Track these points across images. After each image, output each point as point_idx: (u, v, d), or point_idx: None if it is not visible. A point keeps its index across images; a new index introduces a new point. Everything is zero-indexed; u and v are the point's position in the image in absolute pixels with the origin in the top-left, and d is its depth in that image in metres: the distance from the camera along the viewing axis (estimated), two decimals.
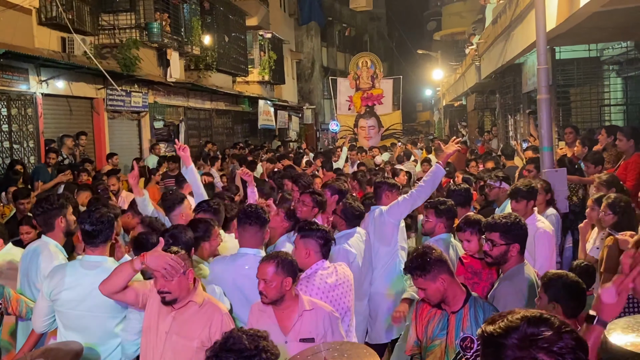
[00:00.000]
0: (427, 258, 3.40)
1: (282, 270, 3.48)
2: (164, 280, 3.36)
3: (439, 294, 3.39)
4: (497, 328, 1.67)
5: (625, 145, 6.89)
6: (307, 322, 3.51)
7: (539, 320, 1.65)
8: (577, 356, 1.59)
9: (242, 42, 22.30)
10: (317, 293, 3.94)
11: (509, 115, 17.57)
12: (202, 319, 3.43)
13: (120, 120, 14.49)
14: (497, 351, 1.65)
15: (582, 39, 10.38)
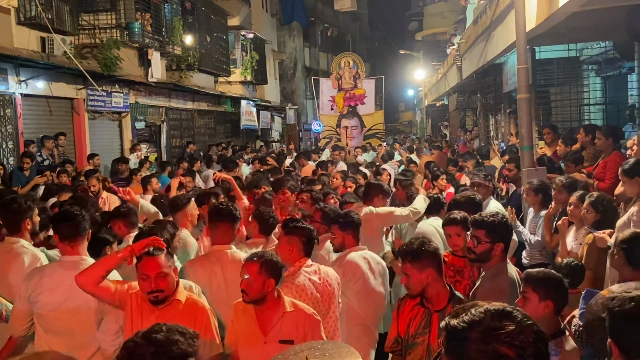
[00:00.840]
0: (422, 247, 3.45)
1: (266, 271, 3.48)
2: (157, 281, 3.39)
3: (420, 285, 3.41)
4: (461, 322, 1.68)
5: (603, 143, 6.96)
6: (287, 324, 3.52)
7: (502, 314, 1.67)
8: (537, 348, 1.62)
9: (224, 42, 22.21)
10: (297, 291, 3.95)
11: (490, 115, 17.71)
12: (187, 316, 3.44)
13: (101, 121, 14.36)
14: (461, 345, 1.66)
15: (562, 39, 10.49)
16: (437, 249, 3.54)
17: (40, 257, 4.19)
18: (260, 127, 25.44)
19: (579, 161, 7.22)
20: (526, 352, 1.60)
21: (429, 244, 3.50)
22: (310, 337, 3.48)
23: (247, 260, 3.56)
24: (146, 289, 3.43)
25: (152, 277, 3.42)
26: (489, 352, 1.61)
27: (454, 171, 10.19)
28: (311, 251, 4.15)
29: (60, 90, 12.69)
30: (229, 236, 4.36)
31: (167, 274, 3.48)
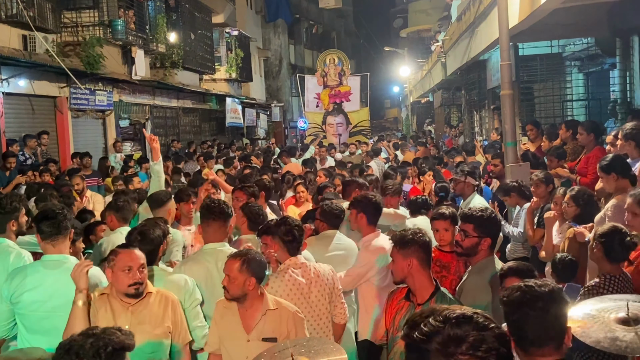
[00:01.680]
0: (413, 237, 3.48)
1: (247, 270, 3.48)
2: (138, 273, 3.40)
3: (402, 273, 3.45)
4: (419, 334, 1.59)
5: (585, 139, 7.02)
6: (270, 322, 3.52)
7: (462, 320, 1.59)
8: (500, 353, 1.56)
9: (209, 40, 22.13)
10: (284, 290, 3.95)
11: (474, 111, 17.82)
12: (160, 305, 3.50)
13: (84, 119, 14.25)
14: (421, 357, 1.58)
15: (544, 35, 10.56)
16: (428, 242, 3.57)
17: (25, 257, 4.16)
18: (245, 124, 25.39)
19: (562, 156, 7.28)
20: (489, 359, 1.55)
21: (422, 235, 3.53)
22: (294, 335, 3.48)
23: (230, 258, 3.57)
24: (128, 282, 3.40)
25: (134, 268, 3.41)
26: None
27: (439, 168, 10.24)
28: (297, 250, 4.12)
29: (43, 88, 12.57)
30: (221, 234, 4.35)
31: (145, 265, 3.49)
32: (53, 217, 3.80)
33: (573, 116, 11.36)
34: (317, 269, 4.15)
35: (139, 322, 3.44)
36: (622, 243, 3.77)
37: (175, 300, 3.63)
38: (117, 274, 3.42)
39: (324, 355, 2.88)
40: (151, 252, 3.86)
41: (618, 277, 3.74)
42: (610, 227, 3.90)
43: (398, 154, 15.11)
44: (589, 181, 6.40)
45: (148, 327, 3.45)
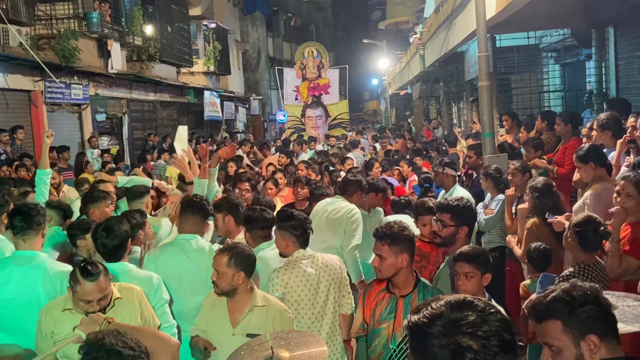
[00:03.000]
0: (403, 232, 3.47)
1: (235, 264, 3.48)
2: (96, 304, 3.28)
3: (394, 269, 3.42)
4: (422, 317, 1.62)
5: (562, 129, 7.09)
6: (256, 318, 3.52)
7: (463, 304, 1.62)
8: (501, 338, 1.56)
9: (186, 33, 21.93)
10: (295, 281, 3.96)
11: (452, 103, 17.90)
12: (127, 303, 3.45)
13: (60, 114, 14.05)
14: (423, 341, 1.61)
15: (522, 26, 10.61)
16: (415, 236, 3.58)
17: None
18: (224, 118, 25.25)
19: (539, 147, 7.33)
20: (490, 342, 1.55)
21: (409, 229, 3.54)
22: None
23: (218, 253, 3.56)
24: (85, 309, 3.29)
25: (93, 300, 3.29)
26: (451, 345, 1.56)
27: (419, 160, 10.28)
28: (306, 242, 4.13)
29: (17, 82, 12.36)
30: (197, 228, 4.35)
31: (105, 296, 3.34)
32: (26, 212, 3.74)
33: (550, 107, 11.46)
34: (324, 259, 4.16)
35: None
36: (596, 232, 3.83)
37: (138, 290, 3.56)
38: (76, 301, 3.31)
39: (304, 347, 2.88)
40: (118, 247, 3.82)
41: (592, 265, 3.80)
42: (584, 217, 3.96)
43: (377, 146, 15.16)
44: (566, 172, 6.46)
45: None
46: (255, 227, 4.45)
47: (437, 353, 1.58)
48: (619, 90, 9.40)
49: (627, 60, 9.16)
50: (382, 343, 3.45)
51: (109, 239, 3.78)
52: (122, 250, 3.87)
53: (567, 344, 2.11)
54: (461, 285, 3.42)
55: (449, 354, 1.56)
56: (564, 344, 2.11)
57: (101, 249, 3.83)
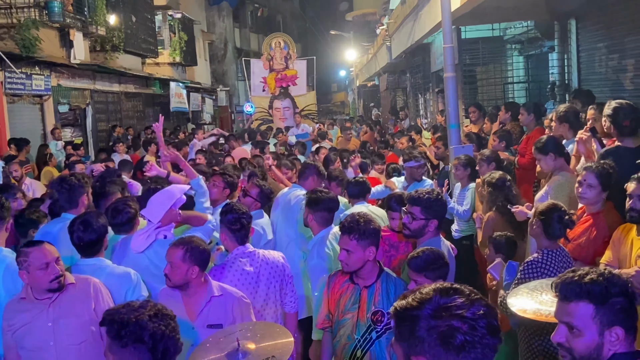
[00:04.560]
0: (370, 225, 3.45)
1: (190, 259, 3.44)
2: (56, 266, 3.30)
3: (361, 262, 3.42)
4: (411, 301, 1.67)
5: (526, 119, 7.20)
6: (215, 308, 3.48)
7: (450, 290, 1.67)
8: (489, 322, 1.61)
9: (151, 23, 21.59)
10: (231, 280, 3.89)
11: (419, 94, 18.02)
12: (81, 293, 3.41)
13: (21, 105, 13.71)
14: (412, 325, 1.64)
15: (486, 18, 10.71)
16: (380, 228, 3.59)
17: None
18: (191, 109, 24.98)
19: (503, 137, 7.44)
20: (478, 324, 1.59)
21: (374, 221, 3.54)
22: (240, 320, 3.46)
23: (172, 246, 3.50)
24: (48, 278, 3.30)
25: (51, 262, 3.30)
26: (441, 327, 1.60)
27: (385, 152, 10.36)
28: (245, 238, 4.07)
29: None
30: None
31: (59, 258, 3.39)
32: None
33: (514, 98, 11.61)
34: (266, 256, 4.09)
35: (62, 316, 3.34)
36: (560, 220, 3.90)
37: (96, 281, 3.52)
38: (35, 274, 3.29)
39: (270, 339, 2.88)
40: (94, 242, 3.76)
41: (555, 252, 3.87)
42: (549, 205, 4.03)
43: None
44: (527, 161, 6.56)
45: (72, 319, 3.36)
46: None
47: (425, 336, 1.61)
48: (581, 82, 9.57)
49: (589, 52, 9.32)
50: (347, 333, 3.47)
51: (86, 233, 3.73)
52: (99, 244, 3.81)
53: (591, 330, 2.07)
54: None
55: (437, 336, 1.60)
56: (588, 328, 2.07)
57: (77, 242, 3.78)
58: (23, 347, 3.32)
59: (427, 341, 1.61)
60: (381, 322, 3.36)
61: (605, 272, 2.13)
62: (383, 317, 3.36)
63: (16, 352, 3.34)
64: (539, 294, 2.93)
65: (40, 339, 3.29)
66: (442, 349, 1.60)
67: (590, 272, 2.13)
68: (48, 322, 3.30)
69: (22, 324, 3.30)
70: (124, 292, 3.67)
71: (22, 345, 3.32)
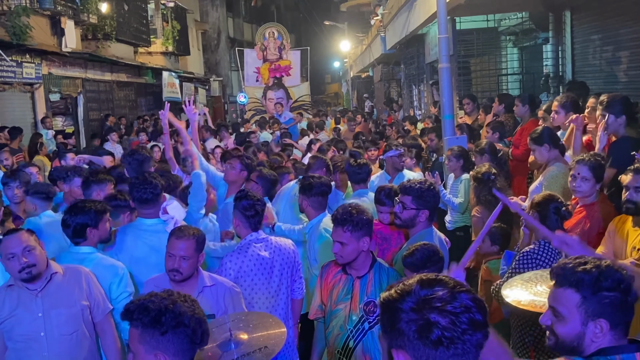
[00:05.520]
0: (363, 216, 3.41)
1: (199, 248, 3.46)
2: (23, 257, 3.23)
3: (356, 254, 3.38)
4: (393, 293, 1.63)
5: (520, 110, 7.19)
6: (207, 298, 3.46)
7: (433, 281, 1.61)
8: (471, 316, 1.54)
9: (143, 11, 21.43)
10: (247, 265, 3.91)
11: (413, 85, 17.99)
12: (71, 283, 3.38)
13: (11, 93, 13.59)
14: (393, 317, 1.60)
15: (481, 9, 10.69)
16: (372, 218, 3.57)
17: None
18: (183, 99, 24.86)
19: (497, 128, 7.42)
20: (459, 318, 1.53)
21: (367, 211, 3.51)
22: (232, 310, 3.45)
23: (179, 238, 3.45)
24: (17, 268, 3.24)
25: (18, 253, 3.24)
26: (419, 320, 1.55)
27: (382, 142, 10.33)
28: (258, 224, 4.08)
29: None
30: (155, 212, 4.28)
31: (34, 247, 3.31)
32: None
33: (508, 90, 11.61)
34: (279, 242, 4.12)
35: (52, 307, 3.31)
36: (557, 211, 3.88)
37: (87, 271, 3.49)
38: (5, 263, 3.26)
39: (263, 329, 2.86)
40: (82, 227, 3.73)
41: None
42: (546, 196, 4.01)
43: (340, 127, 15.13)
44: (520, 153, 6.56)
45: (63, 310, 3.33)
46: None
47: (404, 329, 1.57)
48: (575, 74, 9.57)
49: (583, 44, 9.32)
50: (339, 324, 3.45)
51: (73, 217, 3.71)
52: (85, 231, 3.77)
53: (574, 318, 2.06)
54: None
55: (416, 328, 1.55)
56: (572, 316, 2.06)
57: (64, 226, 3.78)
58: (11, 338, 3.28)
59: (406, 334, 1.57)
60: (373, 313, 3.33)
61: (602, 263, 2.09)
62: (375, 308, 3.33)
63: (3, 343, 3.30)
64: (534, 285, 2.92)
65: (30, 329, 3.25)
66: (420, 342, 1.55)
67: (589, 261, 2.11)
68: (38, 313, 3.26)
69: (9, 313, 3.26)
70: (108, 284, 3.65)
71: (10, 337, 3.28)
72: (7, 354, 3.33)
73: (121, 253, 4.07)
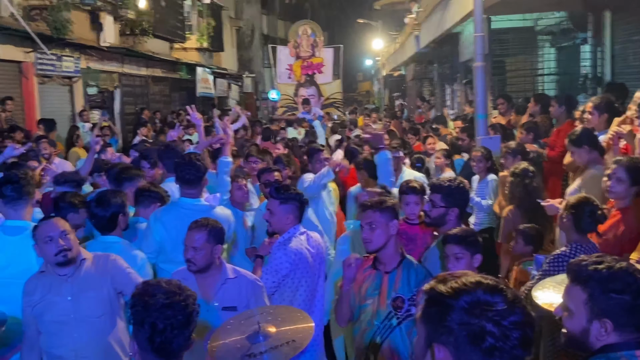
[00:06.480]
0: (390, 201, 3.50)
1: (213, 238, 3.47)
2: (60, 240, 3.32)
3: (385, 237, 3.39)
4: (449, 288, 1.59)
5: (557, 111, 7.08)
6: (230, 291, 3.50)
7: (495, 289, 1.58)
8: (524, 332, 1.54)
9: (180, 8, 21.66)
10: (300, 258, 3.93)
11: (446, 84, 17.86)
12: (100, 268, 3.45)
13: (51, 86, 13.88)
14: (443, 312, 1.57)
15: (518, 8, 10.56)
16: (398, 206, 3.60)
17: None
18: (216, 95, 25.07)
19: (531, 129, 7.32)
20: (513, 334, 1.52)
21: (391, 196, 3.55)
22: (254, 303, 3.47)
23: (192, 229, 3.50)
24: (53, 252, 3.33)
25: (56, 236, 3.33)
26: (473, 326, 1.53)
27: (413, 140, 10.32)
28: (302, 217, 4.13)
29: (8, 52, 12.18)
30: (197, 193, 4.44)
31: (69, 231, 3.41)
32: (16, 182, 3.72)
33: (544, 90, 11.43)
34: (315, 236, 4.18)
35: (81, 290, 3.39)
36: (592, 215, 3.83)
37: (115, 257, 3.57)
38: (42, 247, 3.34)
39: (291, 323, 2.88)
40: (108, 219, 3.82)
41: (584, 246, 3.80)
42: (581, 198, 3.95)
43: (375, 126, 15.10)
44: (556, 154, 6.46)
45: (92, 293, 3.40)
46: None
47: (455, 329, 1.55)
48: (614, 75, 9.39)
49: (623, 44, 9.14)
50: (367, 319, 3.46)
51: (100, 209, 3.77)
52: (113, 222, 3.85)
53: (581, 314, 2.07)
54: (451, 267, 3.42)
55: (467, 333, 1.54)
56: (579, 312, 2.08)
57: (91, 219, 3.89)
58: (43, 322, 3.38)
59: (455, 334, 1.56)
60: (401, 309, 3.34)
61: (617, 265, 2.09)
62: (403, 304, 3.34)
63: (36, 328, 3.39)
64: None
65: (60, 313, 3.34)
66: (470, 347, 1.54)
67: (605, 261, 2.12)
68: (67, 297, 3.35)
69: (41, 298, 3.35)
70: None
71: (42, 321, 3.38)
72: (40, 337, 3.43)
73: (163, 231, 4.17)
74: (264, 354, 2.63)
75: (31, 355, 3.40)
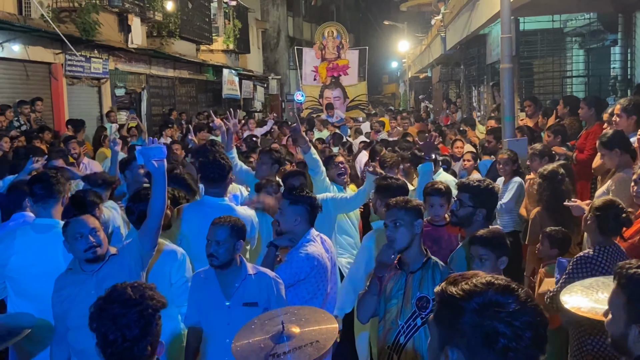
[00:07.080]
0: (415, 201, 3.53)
1: (236, 234, 3.49)
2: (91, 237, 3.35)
3: (409, 235, 3.36)
4: (460, 290, 1.56)
5: (586, 113, 6.95)
6: (250, 287, 3.52)
7: (506, 289, 1.55)
8: (537, 332, 1.52)
9: (206, 10, 21.85)
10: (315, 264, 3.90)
11: (472, 87, 17.70)
12: (122, 264, 3.46)
13: (79, 87, 14.11)
14: (455, 314, 1.56)
15: (546, 9, 10.43)
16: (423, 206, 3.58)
17: None
18: (242, 96, 25.22)
19: (558, 132, 7.21)
20: (525, 334, 1.50)
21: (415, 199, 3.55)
22: (275, 300, 3.50)
23: (215, 223, 3.53)
24: (82, 248, 3.36)
25: (86, 233, 3.37)
26: (486, 327, 1.51)
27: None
28: (314, 220, 4.10)
29: (38, 54, 12.41)
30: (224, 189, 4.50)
31: (100, 229, 3.46)
32: (46, 180, 3.77)
33: (572, 93, 11.28)
34: (327, 240, 4.19)
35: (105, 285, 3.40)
36: (616, 218, 3.76)
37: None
38: (72, 243, 3.38)
39: (315, 324, 2.86)
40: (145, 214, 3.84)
41: (609, 248, 3.74)
42: (606, 201, 3.89)
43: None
44: (585, 157, 6.35)
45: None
46: None
47: (467, 331, 1.54)
48: None
49: None
50: (392, 319, 3.44)
51: (137, 204, 3.86)
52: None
53: (620, 317, 2.05)
54: (476, 269, 3.38)
55: (480, 335, 1.52)
56: (619, 315, 2.06)
57: (128, 214, 3.94)
58: (69, 317, 3.42)
59: (467, 336, 1.53)
60: (426, 309, 3.31)
61: None
62: (428, 304, 3.31)
63: (65, 324, 3.43)
64: (595, 292, 2.83)
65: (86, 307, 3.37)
66: (482, 349, 1.52)
67: None
68: (91, 291, 3.38)
69: (68, 294, 3.39)
70: (169, 269, 3.75)
71: (69, 316, 3.42)
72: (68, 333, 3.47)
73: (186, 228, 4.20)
74: (287, 354, 2.63)
75: (60, 350, 3.44)
